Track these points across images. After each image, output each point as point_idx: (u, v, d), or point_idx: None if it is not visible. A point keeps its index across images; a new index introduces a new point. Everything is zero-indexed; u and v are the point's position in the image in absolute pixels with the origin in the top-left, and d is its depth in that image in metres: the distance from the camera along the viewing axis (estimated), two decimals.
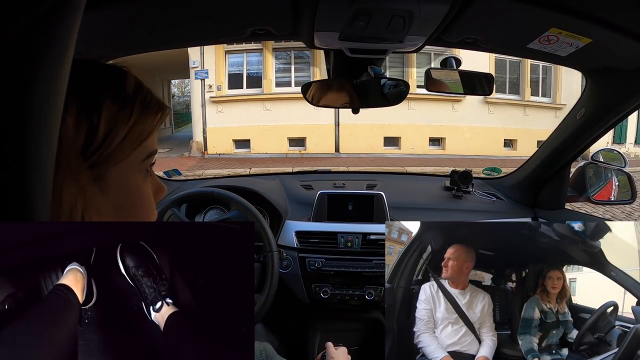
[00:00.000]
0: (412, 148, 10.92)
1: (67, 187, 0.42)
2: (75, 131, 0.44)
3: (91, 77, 0.48)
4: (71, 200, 0.42)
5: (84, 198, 0.43)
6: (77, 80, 0.45)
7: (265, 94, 10.77)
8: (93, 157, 0.45)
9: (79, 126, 0.44)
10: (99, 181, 0.46)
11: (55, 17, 0.29)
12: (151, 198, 0.54)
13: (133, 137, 0.48)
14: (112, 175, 0.47)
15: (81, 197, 0.43)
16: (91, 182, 0.45)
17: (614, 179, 1.64)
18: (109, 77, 0.50)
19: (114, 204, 0.48)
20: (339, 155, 10.76)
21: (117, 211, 0.48)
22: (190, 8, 0.92)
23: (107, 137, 0.46)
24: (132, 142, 0.48)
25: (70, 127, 0.43)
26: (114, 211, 0.48)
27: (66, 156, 0.42)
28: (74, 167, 0.43)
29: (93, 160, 0.45)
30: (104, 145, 0.46)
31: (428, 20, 0.91)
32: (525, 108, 11.32)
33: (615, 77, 1.19)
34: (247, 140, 10.95)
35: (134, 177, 0.50)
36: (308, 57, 10.76)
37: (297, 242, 1.63)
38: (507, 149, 11.28)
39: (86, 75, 0.48)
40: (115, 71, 0.51)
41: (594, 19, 0.87)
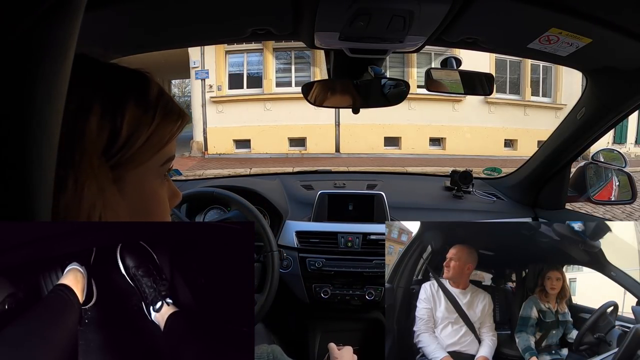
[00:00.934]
0: (413, 148, 10.90)
1: (88, 186, 0.42)
2: (98, 131, 0.44)
3: (116, 80, 0.49)
4: (91, 199, 0.42)
5: (103, 198, 0.44)
6: (103, 81, 0.46)
7: (265, 94, 10.75)
8: (114, 158, 0.46)
9: (102, 127, 0.44)
10: (118, 183, 0.47)
11: (55, 18, 0.29)
12: (166, 203, 0.54)
13: (154, 141, 0.49)
14: (130, 178, 0.48)
15: (100, 197, 0.43)
16: (111, 183, 0.45)
17: (614, 179, 1.64)
18: (133, 82, 0.51)
19: (131, 207, 0.48)
20: (340, 155, 10.75)
21: (134, 214, 0.49)
22: (190, 8, 0.92)
23: (129, 140, 0.46)
24: (152, 147, 0.49)
25: (94, 127, 0.44)
26: (130, 214, 0.48)
27: (89, 155, 0.43)
28: (96, 167, 0.43)
29: (114, 161, 0.46)
30: (125, 147, 0.46)
31: (428, 20, 0.91)
32: (525, 108, 11.30)
33: (616, 77, 1.19)
34: (247, 140, 10.93)
35: (151, 181, 0.51)
36: (308, 57, 10.75)
37: (297, 242, 1.63)
38: (508, 149, 11.25)
39: (112, 77, 0.49)
40: (139, 76, 0.52)
41: (594, 19, 0.87)
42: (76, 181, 0.41)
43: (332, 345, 1.03)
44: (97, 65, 0.49)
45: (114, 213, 0.45)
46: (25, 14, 0.27)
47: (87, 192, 0.42)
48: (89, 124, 0.43)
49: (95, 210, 0.43)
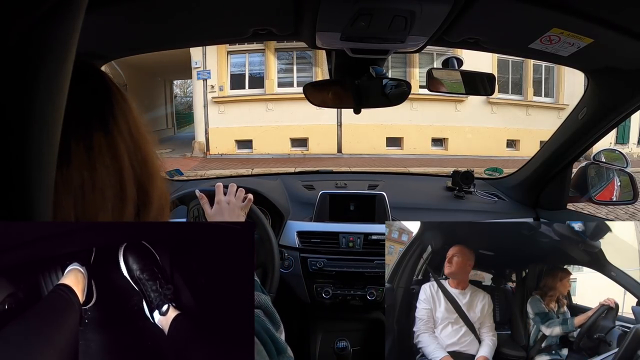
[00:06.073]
0: (415, 148, 10.85)
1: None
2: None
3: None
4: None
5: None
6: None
7: (267, 95, 10.74)
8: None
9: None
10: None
11: (57, 18, 0.29)
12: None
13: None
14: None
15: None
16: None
17: (615, 180, 1.63)
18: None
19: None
20: (341, 155, 10.72)
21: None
22: (192, 8, 0.92)
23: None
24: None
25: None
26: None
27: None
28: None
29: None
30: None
31: (430, 20, 0.91)
32: (527, 108, 11.25)
33: (617, 77, 1.19)
34: (249, 140, 10.92)
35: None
36: (310, 57, 10.73)
37: (298, 242, 1.63)
38: (510, 149, 11.17)
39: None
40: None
41: (596, 19, 0.87)
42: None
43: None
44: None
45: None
46: (26, 15, 0.28)
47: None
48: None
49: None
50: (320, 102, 1.34)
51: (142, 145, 0.49)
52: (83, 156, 0.42)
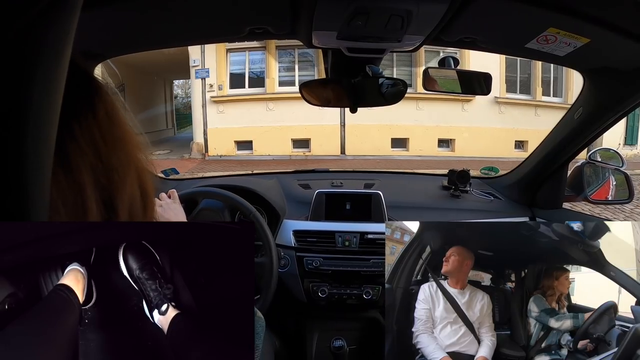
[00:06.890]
0: (421, 150, 10.64)
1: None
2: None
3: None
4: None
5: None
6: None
7: (268, 94, 10.57)
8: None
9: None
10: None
11: (52, 16, 0.29)
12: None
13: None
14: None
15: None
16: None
17: (611, 179, 1.64)
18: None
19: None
20: (345, 157, 10.55)
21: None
22: (188, 7, 0.91)
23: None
24: None
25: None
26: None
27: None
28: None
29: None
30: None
31: (426, 19, 0.91)
32: (536, 108, 10.96)
33: (613, 77, 1.20)
34: (249, 141, 10.76)
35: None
36: (312, 55, 10.54)
37: (294, 242, 1.63)
38: (519, 150, 10.75)
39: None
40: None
41: (592, 19, 0.87)
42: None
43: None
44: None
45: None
46: (21, 13, 0.27)
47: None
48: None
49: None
50: (317, 101, 1.34)
51: (114, 153, 0.42)
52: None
